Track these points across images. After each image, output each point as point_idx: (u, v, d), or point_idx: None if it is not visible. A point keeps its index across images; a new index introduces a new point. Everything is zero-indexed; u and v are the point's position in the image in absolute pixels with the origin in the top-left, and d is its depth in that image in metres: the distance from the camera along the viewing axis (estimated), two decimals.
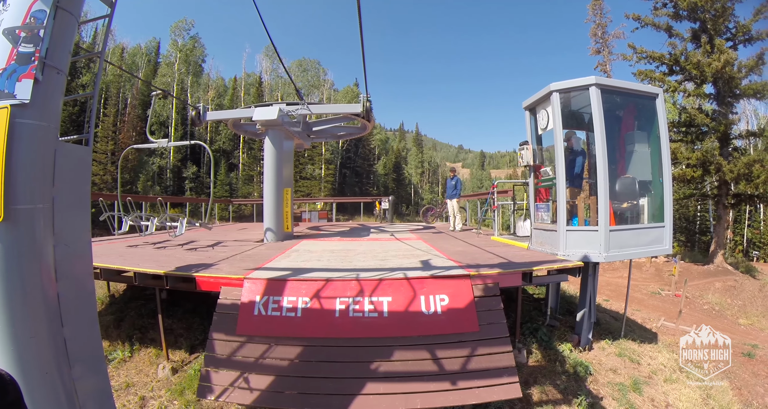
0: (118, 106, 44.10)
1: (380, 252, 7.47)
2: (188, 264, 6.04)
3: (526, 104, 7.76)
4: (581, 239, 6.60)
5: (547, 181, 7.50)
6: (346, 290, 4.75)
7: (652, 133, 7.56)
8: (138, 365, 5.95)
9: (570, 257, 6.50)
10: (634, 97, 7.41)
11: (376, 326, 4.49)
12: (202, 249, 7.84)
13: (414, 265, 5.95)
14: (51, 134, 2.71)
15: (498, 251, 7.31)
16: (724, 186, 22.84)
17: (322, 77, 59.40)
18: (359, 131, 12.50)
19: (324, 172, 53.97)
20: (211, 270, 5.55)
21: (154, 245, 8.28)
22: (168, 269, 5.53)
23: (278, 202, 9.28)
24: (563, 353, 6.42)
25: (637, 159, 7.57)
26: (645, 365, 7.05)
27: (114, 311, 7.44)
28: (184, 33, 49.42)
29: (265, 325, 4.55)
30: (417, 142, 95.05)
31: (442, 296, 4.70)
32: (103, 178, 38.43)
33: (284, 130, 9.32)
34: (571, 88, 6.78)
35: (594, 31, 30.18)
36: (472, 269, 5.38)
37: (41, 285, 2.57)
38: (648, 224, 7.24)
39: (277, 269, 5.68)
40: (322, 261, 6.40)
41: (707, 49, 21.63)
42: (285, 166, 9.65)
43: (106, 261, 6.05)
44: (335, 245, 8.72)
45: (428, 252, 7.35)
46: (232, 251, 7.57)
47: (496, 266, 5.72)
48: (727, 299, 19.70)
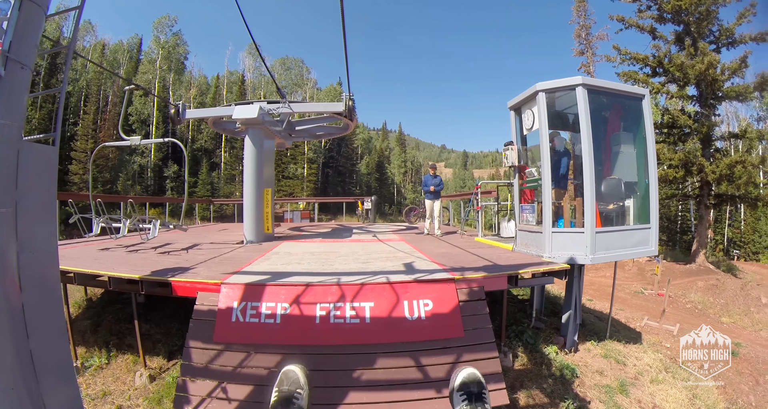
0: (98, 104, 43.42)
1: (362, 254, 7.32)
2: (164, 268, 5.83)
3: (511, 104, 7.67)
4: (567, 241, 6.53)
5: (532, 182, 7.41)
6: (327, 296, 4.59)
7: (638, 135, 7.53)
8: (115, 372, 5.73)
9: (556, 259, 6.42)
10: (621, 97, 7.36)
11: (358, 332, 4.34)
12: (176, 252, 7.59)
13: (397, 268, 5.80)
14: (14, 133, 2.50)
15: (482, 253, 7.21)
16: (705, 187, 23.06)
17: (306, 76, 59.12)
18: (342, 131, 12.31)
19: (307, 172, 53.68)
20: (187, 274, 5.36)
21: (127, 248, 7.94)
22: (143, 274, 5.31)
23: (258, 202, 9.08)
24: (549, 356, 6.36)
25: (623, 160, 7.54)
26: (631, 366, 7.02)
27: (91, 316, 7.24)
28: (167, 29, 49.03)
29: (243, 332, 4.38)
30: (400, 141, 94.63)
31: (426, 301, 4.57)
32: (83, 178, 37.78)
33: (265, 129, 9.13)
34: (558, 88, 6.71)
35: (578, 32, 30.35)
36: (456, 272, 5.26)
37: (4, 295, 2.37)
38: (634, 225, 7.20)
39: (255, 272, 5.50)
40: (303, 264, 6.23)
41: (691, 51, 21.79)
42: (266, 166, 9.43)
43: (80, 265, 5.81)
44: (316, 247, 8.55)
45: (411, 254, 7.21)
46: (211, 254, 7.37)
47: (481, 268, 5.62)
48: (710, 298, 19.86)
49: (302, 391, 1.86)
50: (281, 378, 1.91)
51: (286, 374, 1.93)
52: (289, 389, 1.85)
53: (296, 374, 1.92)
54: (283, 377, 1.92)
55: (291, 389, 1.85)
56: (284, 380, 1.90)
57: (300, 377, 1.91)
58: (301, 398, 1.82)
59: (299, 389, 1.86)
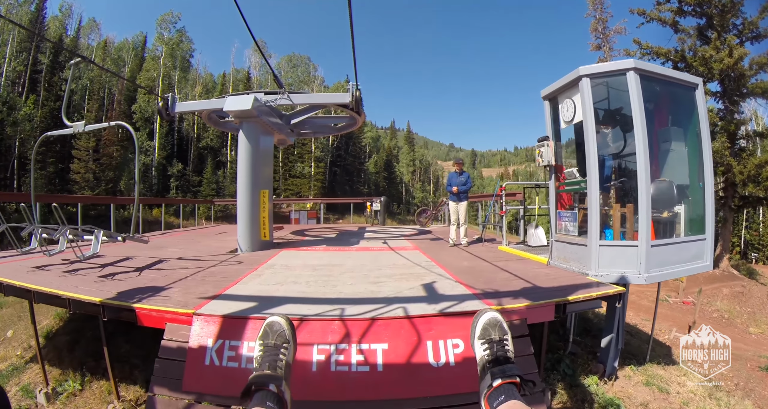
0: (103, 102, 42.75)
1: (372, 269, 6.26)
2: (134, 288, 4.85)
3: (545, 93, 6.57)
4: (617, 256, 5.46)
5: (572, 184, 6.34)
6: (327, 334, 3.52)
7: (689, 130, 6.50)
8: (88, 401, 4.88)
9: (604, 278, 5.37)
10: (672, 86, 6.29)
11: (368, 384, 3.30)
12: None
13: (415, 292, 4.74)
14: None
15: (514, 268, 6.15)
16: (730, 188, 21.98)
17: (313, 73, 58.26)
18: (349, 126, 11.23)
19: (314, 170, 52.79)
20: (157, 298, 4.38)
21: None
22: (106, 296, 4.36)
23: (254, 206, 8.02)
24: (589, 389, 5.37)
25: (673, 160, 6.47)
26: (674, 393, 6.04)
27: (70, 331, 6.49)
28: (171, 26, 48.19)
29: (219, 380, 3.37)
30: (408, 140, 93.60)
31: (455, 341, 3.51)
32: (84, 176, 37.03)
33: (261, 124, 8.05)
34: (604, 72, 5.67)
35: (594, 26, 29.22)
36: (490, 298, 4.22)
37: None
38: (687, 236, 6.15)
39: (240, 297, 4.47)
40: (300, 284, 5.18)
41: (717, 45, 20.72)
42: (262, 165, 8.36)
43: (41, 283, 4.88)
44: (319, 258, 7.49)
45: (430, 269, 6.15)
46: (194, 267, 6.33)
47: (519, 293, 4.56)
48: (736, 306, 19.07)
49: (288, 344, 1.72)
50: (265, 330, 1.74)
51: (271, 326, 1.76)
52: (275, 342, 1.70)
53: (281, 326, 1.76)
54: (268, 329, 1.74)
55: (277, 342, 1.70)
56: (269, 332, 1.73)
57: (286, 329, 1.75)
58: (288, 352, 1.70)
59: (285, 342, 1.72)
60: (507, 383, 1.46)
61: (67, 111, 8.79)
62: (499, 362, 1.57)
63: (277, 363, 1.62)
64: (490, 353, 1.61)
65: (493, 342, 1.65)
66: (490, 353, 1.61)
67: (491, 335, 1.67)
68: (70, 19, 46.62)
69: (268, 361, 1.63)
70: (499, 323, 1.71)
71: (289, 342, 1.73)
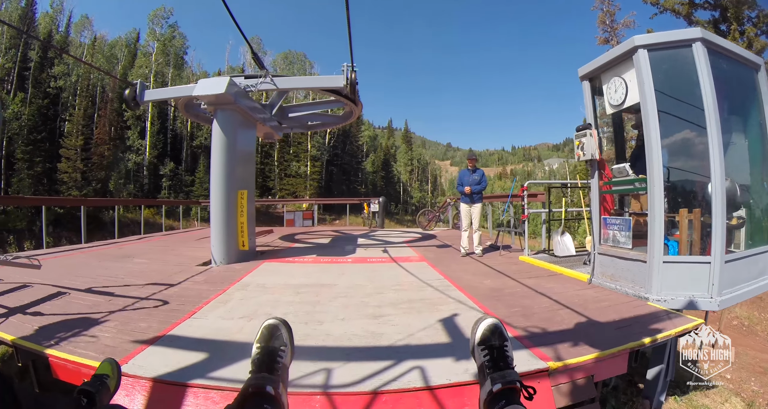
0: (94, 99, 41.45)
1: (371, 292, 4.99)
2: (57, 321, 3.68)
3: (584, 72, 5.30)
4: (684, 275, 4.29)
5: (623, 183, 5.17)
6: None
7: (749, 118, 5.38)
8: None
9: (668, 303, 4.21)
10: (734, 65, 5.13)
11: None
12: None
13: (432, 334, 3.42)
14: None
15: (551, 290, 4.91)
16: None
17: (309, 71, 57.06)
18: (344, 119, 9.96)
19: (310, 170, 51.54)
20: (81, 339, 3.22)
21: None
22: (22, 333, 3.22)
23: (230, 209, 6.78)
24: None
25: (731, 156, 5.31)
26: None
27: None
28: (163, 21, 46.86)
29: None
30: (406, 139, 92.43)
31: None
32: (71, 176, 35.68)
33: (241, 112, 6.86)
34: (666, 43, 4.45)
35: (602, 18, 28.13)
36: (543, 347, 3.01)
37: None
38: (758, 247, 5.03)
39: (187, 341, 3.24)
40: (276, 314, 3.95)
41: (735, 36, 19.71)
42: (240, 161, 7.09)
43: None
44: (306, 274, 6.19)
45: (445, 292, 4.89)
46: (152, 284, 5.13)
47: (577, 334, 3.35)
48: (755, 312, 17.96)
49: (285, 348, 1.60)
50: (263, 333, 1.61)
51: (268, 328, 1.62)
52: (273, 345, 1.58)
53: (279, 330, 1.63)
54: (265, 331, 1.61)
55: (275, 345, 1.58)
56: (266, 335, 1.60)
57: (283, 332, 1.63)
58: (285, 355, 1.58)
59: (283, 346, 1.59)
60: (507, 389, 1.39)
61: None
62: (499, 368, 1.49)
63: (274, 366, 1.50)
64: (490, 358, 1.52)
65: (493, 348, 1.55)
66: (491, 359, 1.52)
67: (492, 342, 1.57)
68: (62, 14, 45.37)
69: (266, 363, 1.50)
70: (500, 330, 1.61)
71: (287, 346, 1.61)
